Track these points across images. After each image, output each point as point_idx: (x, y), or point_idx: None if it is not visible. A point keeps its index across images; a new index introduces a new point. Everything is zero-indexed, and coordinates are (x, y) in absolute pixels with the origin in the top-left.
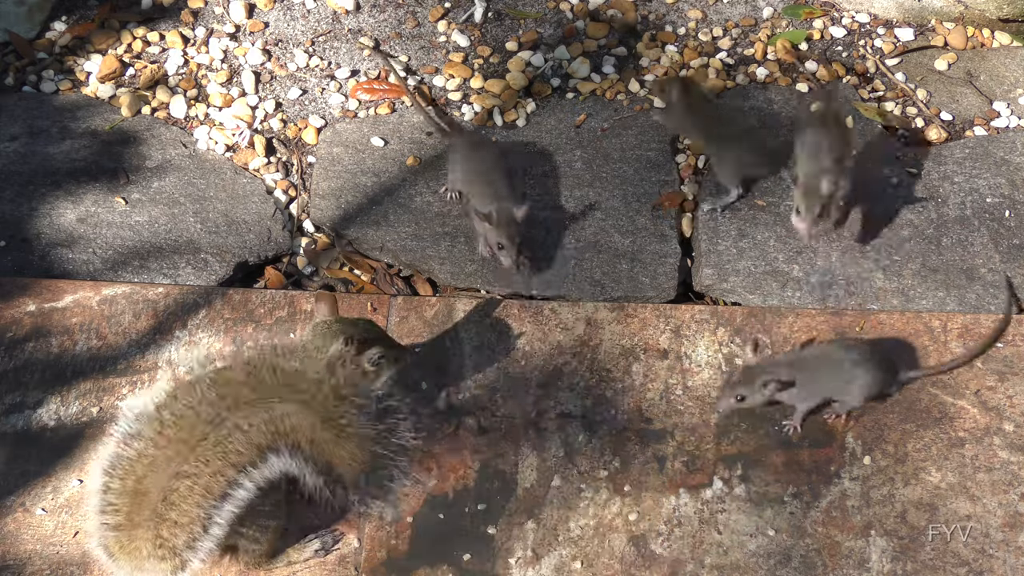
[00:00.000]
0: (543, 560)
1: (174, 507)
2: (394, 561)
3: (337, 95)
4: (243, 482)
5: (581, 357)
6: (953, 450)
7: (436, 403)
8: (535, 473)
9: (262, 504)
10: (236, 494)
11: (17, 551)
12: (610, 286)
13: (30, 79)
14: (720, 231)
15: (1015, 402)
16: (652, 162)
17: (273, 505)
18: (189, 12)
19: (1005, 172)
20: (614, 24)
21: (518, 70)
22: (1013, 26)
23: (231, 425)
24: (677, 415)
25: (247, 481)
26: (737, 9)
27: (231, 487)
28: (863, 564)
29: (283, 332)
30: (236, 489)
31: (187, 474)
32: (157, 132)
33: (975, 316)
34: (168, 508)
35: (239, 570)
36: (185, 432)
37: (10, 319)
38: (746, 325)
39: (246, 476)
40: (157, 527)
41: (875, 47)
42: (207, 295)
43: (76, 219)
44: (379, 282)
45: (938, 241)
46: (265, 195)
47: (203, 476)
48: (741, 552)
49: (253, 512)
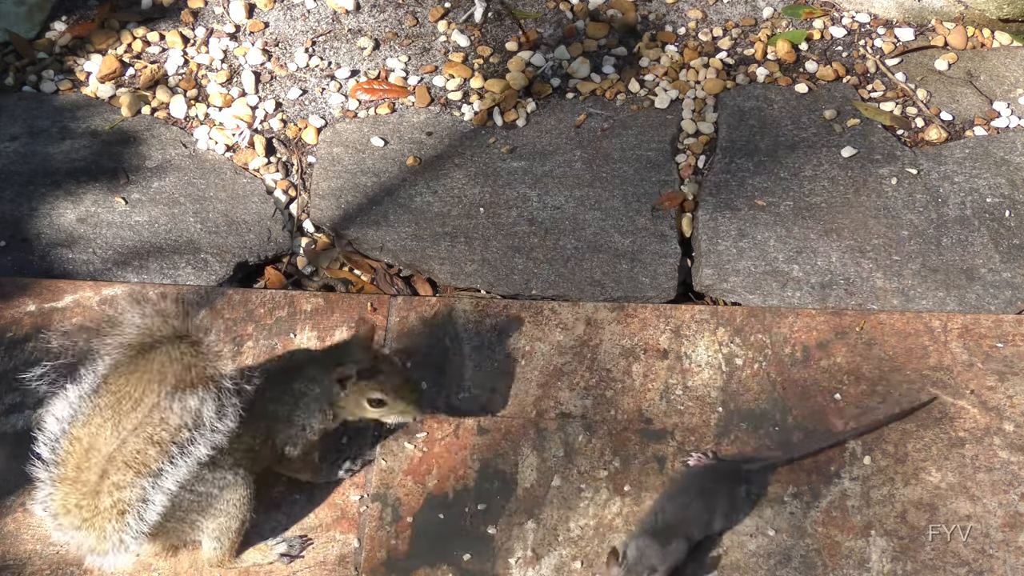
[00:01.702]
0: (543, 560)
1: (116, 471)
2: (394, 561)
3: (337, 95)
4: (180, 450)
5: (581, 357)
6: (953, 450)
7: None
8: (535, 473)
9: (219, 499)
10: (175, 465)
11: (17, 551)
12: (610, 286)
13: (30, 79)
14: (720, 231)
15: (1015, 402)
16: (652, 162)
17: (232, 504)
18: (189, 12)
19: (1005, 172)
20: (614, 24)
21: (518, 70)
22: (1013, 26)
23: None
24: (677, 415)
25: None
26: (737, 9)
27: (168, 458)
28: (863, 564)
29: (283, 332)
30: (174, 460)
31: (126, 438)
32: (157, 132)
33: (975, 316)
34: (111, 471)
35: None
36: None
37: (10, 319)
38: (746, 325)
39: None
40: (99, 487)
41: (875, 47)
42: (207, 295)
43: (76, 219)
44: (379, 282)
45: (938, 241)
46: (265, 195)
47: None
48: (741, 552)
49: (207, 505)
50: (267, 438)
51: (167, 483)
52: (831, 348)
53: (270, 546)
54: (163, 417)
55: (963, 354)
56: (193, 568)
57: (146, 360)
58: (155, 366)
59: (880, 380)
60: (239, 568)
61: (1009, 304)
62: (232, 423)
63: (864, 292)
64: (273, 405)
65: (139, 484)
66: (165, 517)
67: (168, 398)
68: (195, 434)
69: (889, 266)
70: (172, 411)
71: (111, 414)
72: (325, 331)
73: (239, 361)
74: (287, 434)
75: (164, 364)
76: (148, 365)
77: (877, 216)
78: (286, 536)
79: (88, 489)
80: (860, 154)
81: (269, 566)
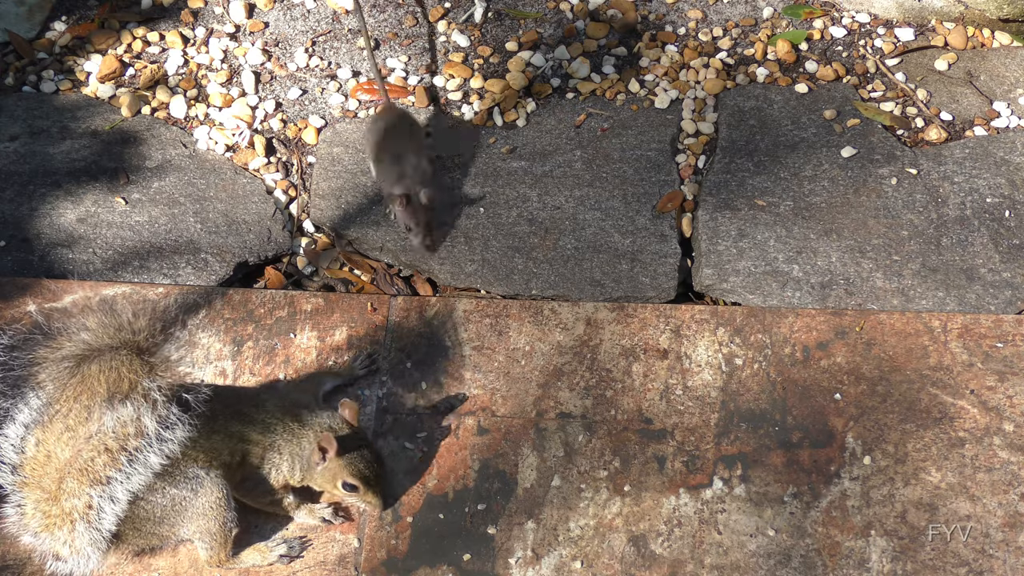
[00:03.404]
0: (543, 560)
1: (71, 478)
2: (394, 561)
3: (337, 95)
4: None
5: (581, 357)
6: (953, 450)
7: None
8: (535, 473)
9: (193, 503)
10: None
11: (17, 551)
12: (610, 286)
13: (30, 79)
14: (720, 231)
15: (1015, 402)
16: (652, 162)
17: (208, 507)
18: (189, 12)
19: (1005, 172)
20: (614, 24)
21: (518, 70)
22: (1013, 26)
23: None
24: (677, 415)
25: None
26: (737, 9)
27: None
28: (863, 564)
29: (283, 332)
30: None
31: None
32: (157, 132)
33: (975, 316)
34: (67, 478)
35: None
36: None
37: (10, 319)
38: (746, 325)
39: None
40: (57, 495)
41: (875, 47)
42: (207, 295)
43: (76, 219)
44: (379, 282)
45: (938, 241)
46: (265, 195)
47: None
48: (741, 552)
49: (182, 509)
50: (242, 462)
51: (117, 491)
52: (831, 348)
53: (270, 547)
54: (110, 426)
55: (963, 354)
56: (193, 568)
57: (87, 369)
58: (91, 375)
59: (880, 380)
60: (238, 568)
61: (1009, 304)
62: (183, 433)
63: (864, 292)
64: (247, 430)
65: (88, 493)
66: (136, 524)
67: (102, 407)
68: (141, 443)
69: (889, 266)
70: (108, 420)
71: (71, 422)
72: (325, 331)
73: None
74: (255, 467)
75: (98, 374)
76: (87, 374)
77: (877, 216)
78: (286, 537)
79: (48, 495)
80: (860, 154)
81: (269, 567)
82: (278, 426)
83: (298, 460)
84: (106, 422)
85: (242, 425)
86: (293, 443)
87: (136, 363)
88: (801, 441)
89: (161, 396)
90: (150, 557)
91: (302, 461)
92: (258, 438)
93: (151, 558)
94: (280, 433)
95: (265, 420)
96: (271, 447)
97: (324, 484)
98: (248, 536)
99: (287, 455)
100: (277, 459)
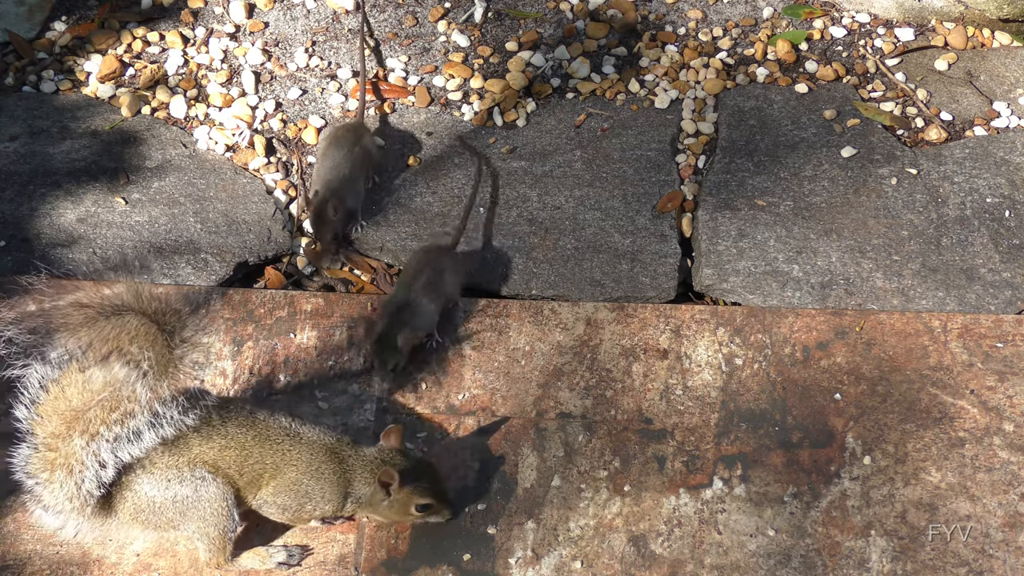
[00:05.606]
0: (543, 560)
1: (76, 429)
2: (394, 561)
3: (337, 95)
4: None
5: (581, 357)
6: (953, 450)
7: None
8: (535, 473)
9: (194, 504)
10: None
11: (17, 551)
12: (610, 286)
13: (30, 79)
14: (720, 231)
15: (1015, 402)
16: (652, 162)
17: (209, 512)
18: (189, 12)
19: (1005, 172)
20: (614, 24)
21: (518, 70)
22: (1013, 26)
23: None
24: (677, 415)
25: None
26: (737, 9)
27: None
28: (863, 564)
29: (283, 332)
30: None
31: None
32: (157, 132)
33: (975, 316)
34: (75, 428)
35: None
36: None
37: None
38: (746, 325)
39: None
40: (60, 445)
41: (875, 47)
42: (207, 295)
43: (76, 219)
44: (379, 282)
45: (938, 241)
46: (265, 195)
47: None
48: (741, 552)
49: (184, 508)
50: (257, 487)
51: (101, 450)
52: (831, 348)
53: (269, 553)
54: (114, 381)
55: (963, 354)
56: (193, 568)
57: (101, 326)
58: (118, 328)
59: (880, 380)
60: (237, 570)
61: (1009, 304)
62: (178, 416)
63: (864, 292)
64: (273, 458)
65: (77, 442)
66: (136, 507)
67: (111, 363)
68: (134, 408)
69: (889, 266)
70: (98, 376)
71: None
72: (325, 331)
73: (237, 362)
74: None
75: (110, 331)
76: (101, 331)
77: (877, 216)
78: (287, 544)
79: (53, 439)
80: (860, 154)
81: (267, 572)
82: (323, 467)
83: (350, 499)
84: (115, 375)
85: (278, 458)
86: (340, 483)
87: (154, 330)
88: (801, 441)
89: (148, 367)
90: (151, 557)
91: (354, 499)
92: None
93: (151, 558)
94: (323, 472)
95: (303, 456)
96: (312, 484)
97: (394, 515)
98: (250, 535)
99: (332, 495)
100: (318, 497)
